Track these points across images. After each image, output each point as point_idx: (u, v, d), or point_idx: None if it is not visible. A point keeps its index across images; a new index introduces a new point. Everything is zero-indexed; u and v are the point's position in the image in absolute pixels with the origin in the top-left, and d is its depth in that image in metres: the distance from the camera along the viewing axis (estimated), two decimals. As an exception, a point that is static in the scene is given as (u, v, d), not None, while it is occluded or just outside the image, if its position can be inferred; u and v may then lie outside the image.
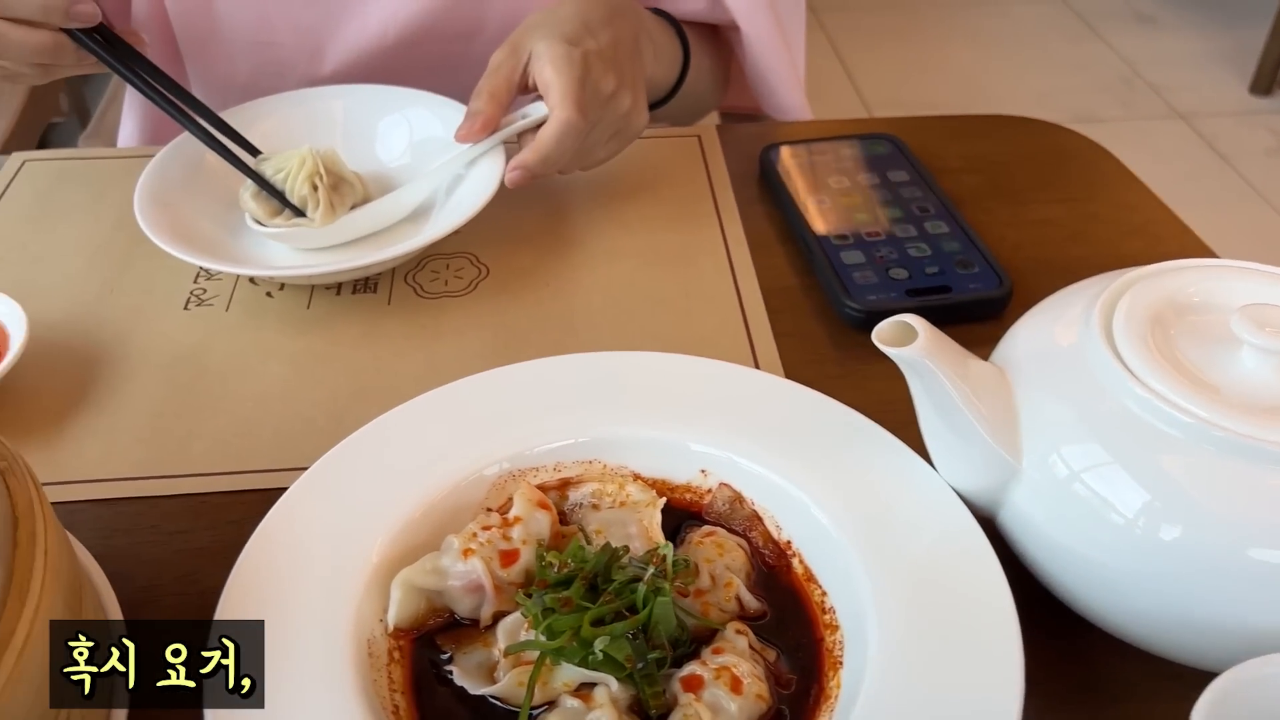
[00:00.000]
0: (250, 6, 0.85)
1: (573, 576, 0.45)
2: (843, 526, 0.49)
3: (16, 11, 0.63)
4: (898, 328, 0.48)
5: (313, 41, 0.87)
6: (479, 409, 0.55)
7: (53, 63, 0.66)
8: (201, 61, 0.89)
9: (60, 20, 0.64)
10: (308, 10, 0.85)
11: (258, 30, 0.86)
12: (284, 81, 0.87)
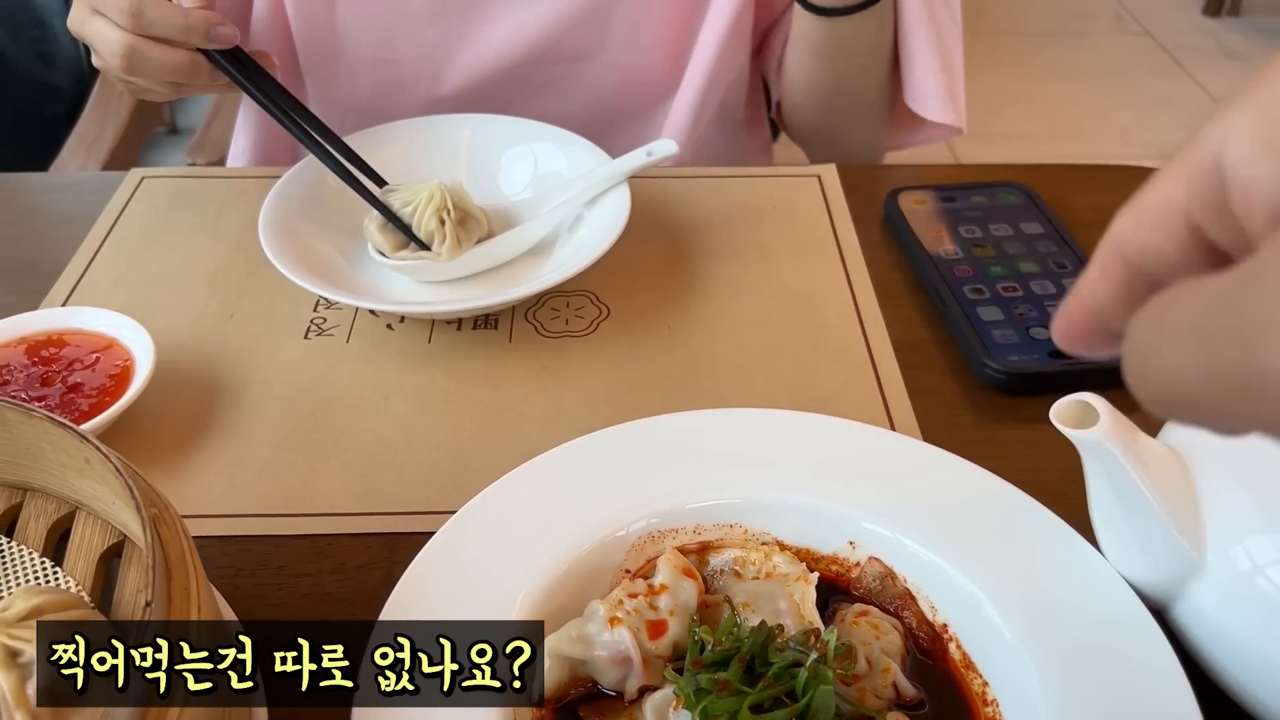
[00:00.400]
0: (373, 24, 0.85)
1: (728, 656, 0.43)
2: (1006, 613, 0.46)
3: (158, 31, 0.63)
4: (1076, 407, 0.46)
5: (435, 60, 0.86)
6: (615, 465, 0.54)
7: (187, 82, 0.66)
8: (322, 79, 0.89)
9: (200, 41, 0.64)
10: (431, 29, 0.84)
11: (380, 48, 0.85)
12: (404, 100, 0.87)
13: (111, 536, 0.46)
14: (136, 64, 0.64)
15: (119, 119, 1.19)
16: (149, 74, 0.65)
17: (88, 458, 0.44)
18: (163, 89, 0.68)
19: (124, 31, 0.63)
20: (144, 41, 0.64)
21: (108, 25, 0.64)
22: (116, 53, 0.64)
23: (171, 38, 0.64)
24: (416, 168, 0.73)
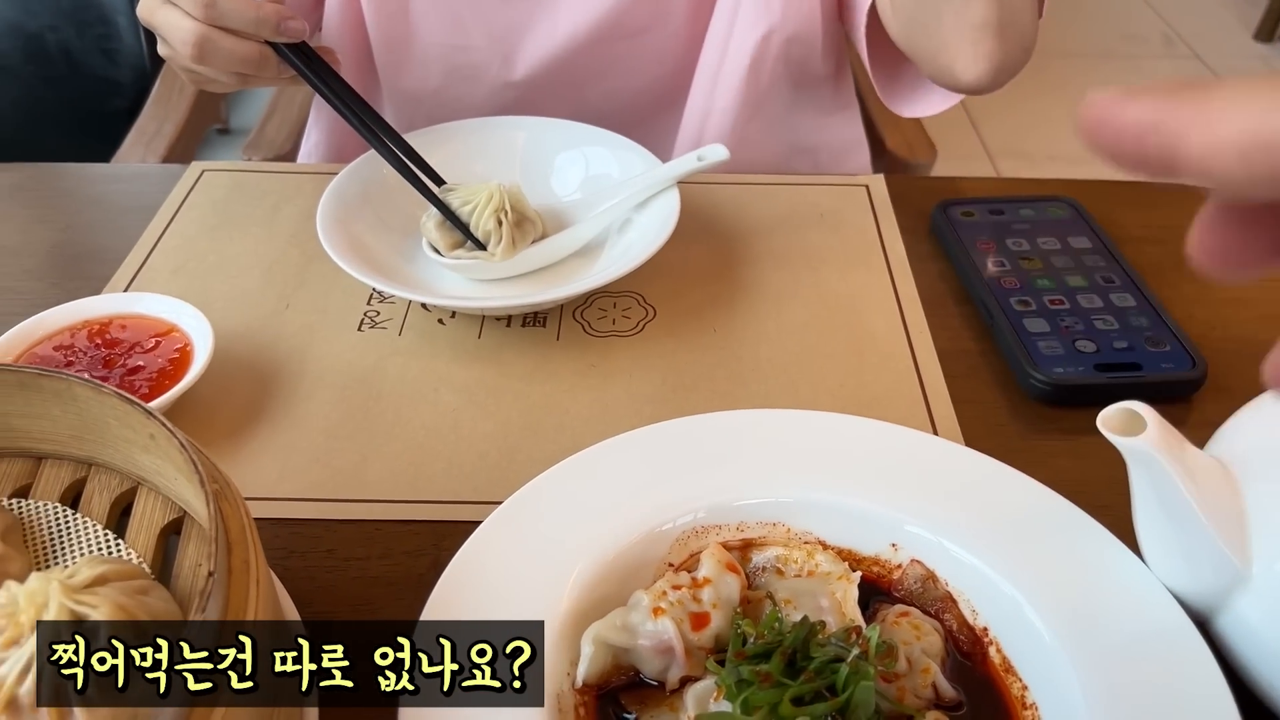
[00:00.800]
0: (445, 11, 0.87)
1: (771, 649, 0.44)
2: (1046, 618, 0.47)
3: (230, 22, 0.64)
4: (1123, 415, 0.46)
5: (505, 45, 0.88)
6: (661, 460, 0.54)
7: (254, 74, 0.68)
8: (396, 68, 0.91)
9: (270, 34, 0.65)
10: (501, 14, 0.86)
11: (451, 34, 0.87)
12: (474, 87, 0.88)
13: (172, 512, 0.48)
14: (207, 53, 0.66)
15: (178, 116, 1.21)
16: (218, 64, 0.67)
17: (153, 434, 0.45)
18: (228, 79, 0.69)
19: (196, 21, 0.65)
20: (215, 31, 0.65)
21: (179, 14, 0.65)
22: (188, 41, 0.65)
23: (242, 29, 0.65)
24: (473, 167, 0.75)
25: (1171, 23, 3.66)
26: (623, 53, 0.88)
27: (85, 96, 1.33)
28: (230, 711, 0.36)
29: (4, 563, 0.44)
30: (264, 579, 0.41)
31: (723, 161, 0.72)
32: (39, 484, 0.49)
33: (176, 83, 1.27)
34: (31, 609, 0.39)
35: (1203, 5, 3.79)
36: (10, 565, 0.44)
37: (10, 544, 0.45)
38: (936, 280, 0.75)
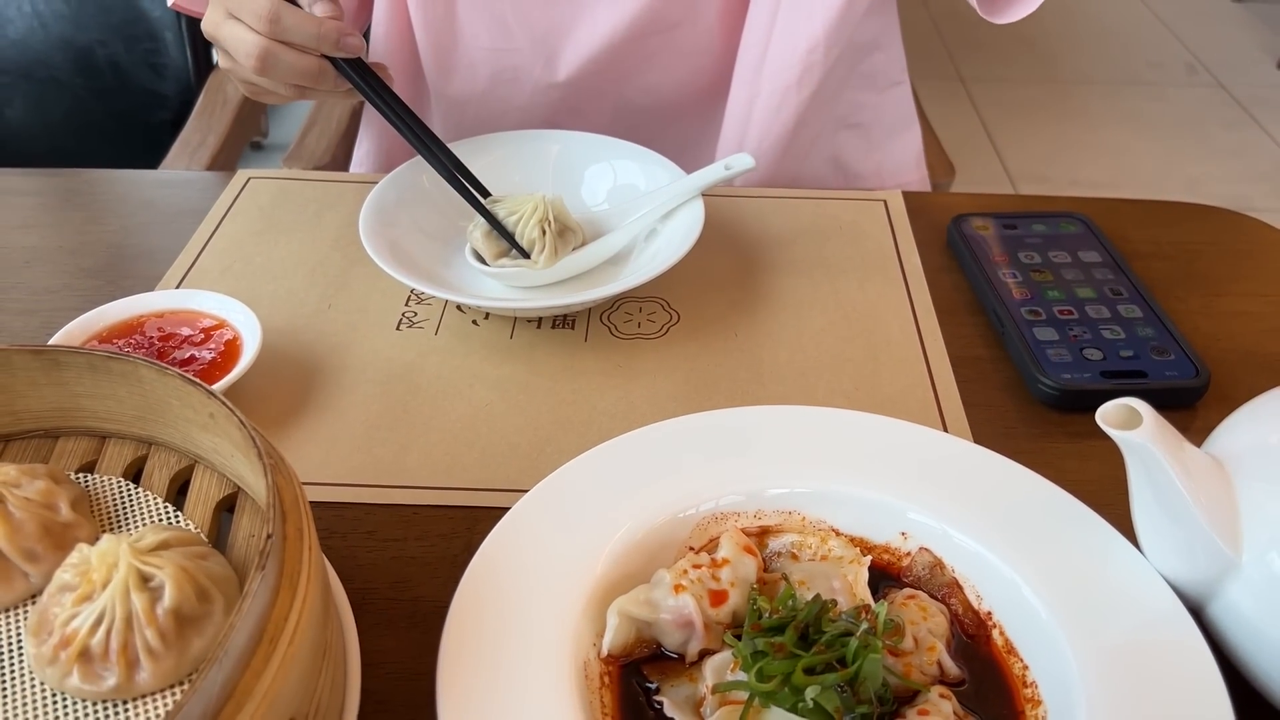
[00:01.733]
0: (489, 16, 0.91)
1: (785, 623, 0.46)
2: (1047, 602, 0.49)
3: (292, 37, 0.68)
4: (1121, 410, 0.49)
5: (547, 46, 0.91)
6: (683, 451, 0.57)
7: (312, 86, 0.71)
8: (444, 72, 0.95)
9: (330, 49, 0.69)
10: (543, 16, 0.90)
11: (496, 38, 0.91)
12: (519, 89, 0.92)
13: (226, 488, 0.51)
14: (269, 66, 0.69)
15: (221, 128, 1.26)
16: (279, 76, 0.70)
17: (213, 413, 0.49)
18: (287, 91, 0.73)
19: (260, 35, 0.68)
20: (278, 46, 0.68)
21: (243, 29, 0.68)
22: (252, 54, 0.68)
23: (303, 44, 0.69)
24: (510, 176, 0.78)
25: (1195, 51, 3.68)
26: (659, 46, 0.90)
27: (132, 108, 1.38)
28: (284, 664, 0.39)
29: (74, 529, 0.48)
30: (314, 546, 0.44)
31: (748, 170, 0.76)
32: (103, 460, 0.53)
33: (220, 96, 1.32)
34: (103, 568, 0.43)
35: (1226, 33, 3.81)
36: (80, 532, 0.48)
37: (79, 513, 0.48)
38: (951, 291, 0.78)
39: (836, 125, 0.99)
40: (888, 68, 1.01)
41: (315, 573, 0.43)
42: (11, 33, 1.35)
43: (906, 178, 1.04)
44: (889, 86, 1.02)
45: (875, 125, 1.02)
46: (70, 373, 0.51)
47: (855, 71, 0.97)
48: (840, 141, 1.01)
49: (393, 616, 0.54)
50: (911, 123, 1.05)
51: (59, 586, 0.43)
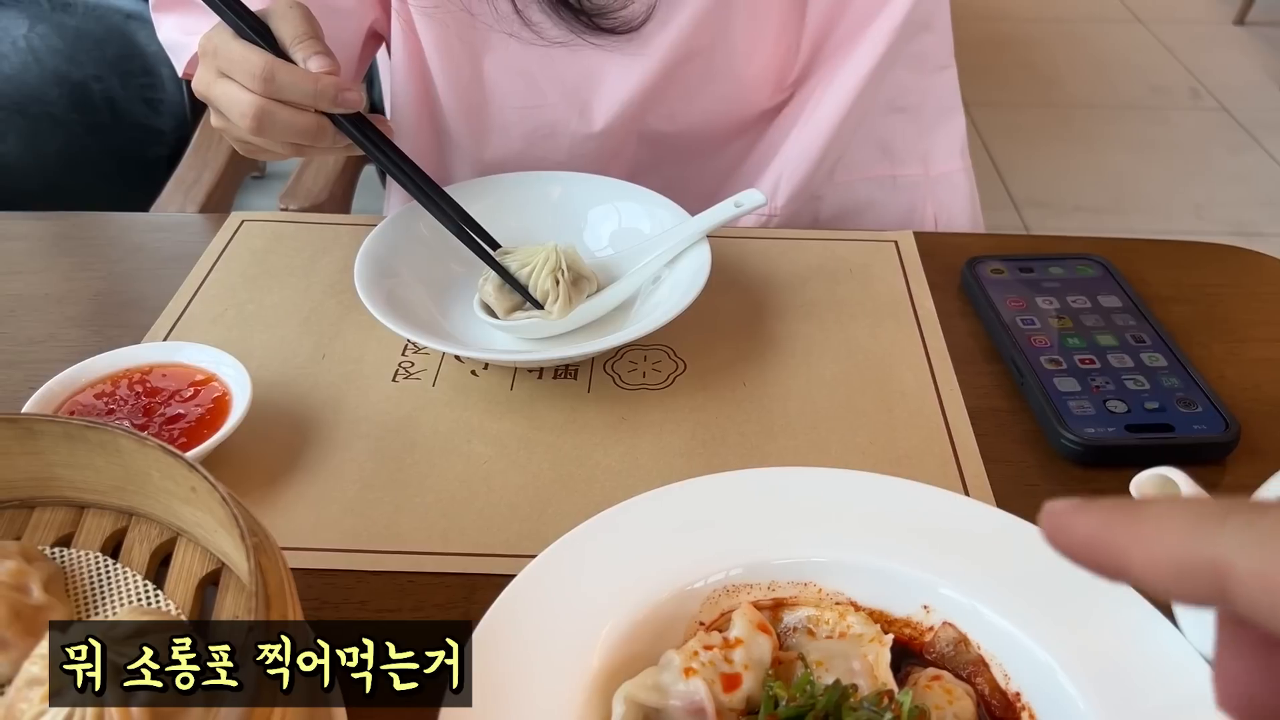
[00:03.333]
0: (516, 73, 0.88)
1: (803, 712, 0.44)
2: (1080, 684, 0.46)
3: (288, 95, 0.65)
4: (1156, 480, 0.46)
5: (580, 98, 0.89)
6: (691, 517, 0.55)
7: (310, 144, 0.68)
8: (477, 136, 0.92)
9: (328, 105, 0.66)
10: (570, 68, 0.87)
11: (526, 96, 0.88)
12: (556, 143, 0.90)
13: (210, 564, 0.49)
14: (265, 125, 0.66)
15: (216, 164, 1.24)
16: (276, 135, 0.67)
17: (194, 486, 0.46)
18: (283, 149, 0.70)
19: (254, 94, 0.65)
20: (274, 104, 0.65)
21: (237, 88, 0.66)
22: (247, 114, 0.65)
23: (301, 101, 0.66)
24: (508, 221, 0.76)
25: (1198, 75, 3.67)
26: (696, 72, 0.88)
27: (127, 144, 1.36)
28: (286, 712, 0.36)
29: (47, 612, 0.45)
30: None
31: (760, 206, 0.73)
32: (81, 533, 0.50)
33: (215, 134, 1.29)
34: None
35: (1229, 58, 3.81)
36: (53, 614, 0.45)
37: (53, 593, 0.46)
38: (966, 337, 0.76)
39: (885, 108, 0.96)
40: (937, 50, 0.98)
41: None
42: (5, 68, 1.34)
43: (950, 166, 1.01)
44: (937, 70, 0.99)
45: (922, 110, 0.99)
46: (45, 441, 0.49)
47: (906, 52, 0.93)
48: (888, 125, 0.98)
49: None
50: (957, 109, 1.02)
51: (26, 680, 0.41)
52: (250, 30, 0.66)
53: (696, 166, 0.96)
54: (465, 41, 0.86)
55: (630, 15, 0.82)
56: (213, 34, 0.68)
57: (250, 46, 0.66)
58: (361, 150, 0.69)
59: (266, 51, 0.65)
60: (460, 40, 0.86)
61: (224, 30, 0.67)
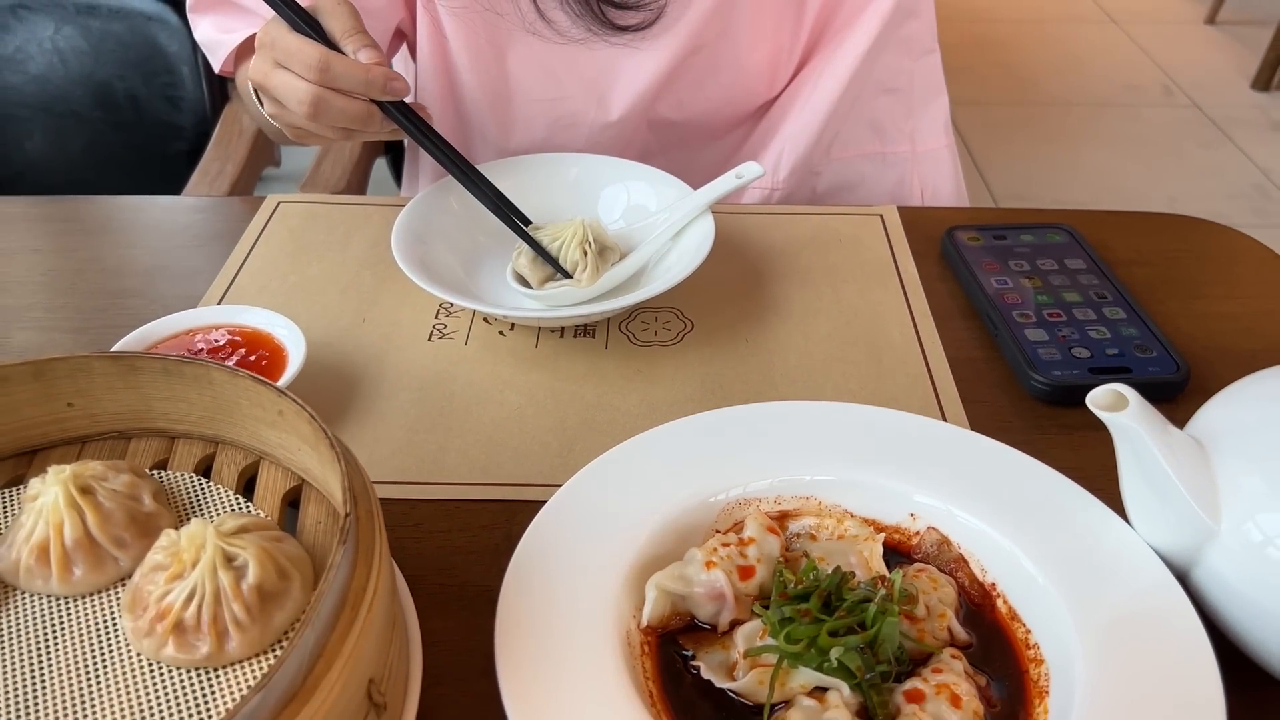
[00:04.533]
0: (538, 68, 0.95)
1: (809, 592, 0.51)
2: (1046, 572, 0.54)
3: (341, 84, 0.72)
4: (1109, 395, 0.53)
5: (599, 88, 0.96)
6: (705, 443, 0.62)
7: (360, 129, 0.75)
8: (503, 127, 0.99)
9: (377, 94, 0.73)
10: (590, 62, 0.94)
11: (548, 88, 0.96)
12: (576, 132, 0.97)
13: (291, 481, 0.56)
14: (321, 112, 0.72)
15: (238, 156, 1.31)
16: (330, 120, 0.73)
17: (281, 410, 0.53)
18: (334, 134, 0.77)
19: (310, 83, 0.71)
20: (328, 92, 0.72)
21: (294, 77, 0.72)
22: (304, 101, 0.72)
23: (353, 90, 0.72)
24: (530, 198, 0.83)
25: (1171, 73, 3.77)
26: (705, 62, 0.95)
27: (149, 140, 1.42)
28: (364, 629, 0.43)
29: (157, 518, 0.52)
30: (382, 528, 0.49)
31: (759, 177, 0.81)
32: (174, 459, 0.57)
33: (236, 127, 1.37)
34: (192, 549, 0.47)
35: (1201, 56, 3.91)
36: (162, 521, 0.52)
37: (160, 503, 0.53)
38: (946, 297, 0.83)
39: (876, 90, 1.04)
40: (922, 35, 1.06)
41: (385, 551, 0.48)
42: (32, 68, 1.40)
43: (936, 143, 1.10)
44: (923, 54, 1.07)
45: (910, 91, 1.07)
46: (145, 376, 0.56)
47: (895, 37, 1.01)
48: (879, 106, 1.05)
49: (442, 600, 0.58)
50: (941, 90, 1.10)
51: (151, 566, 0.48)
52: (304, 24, 0.73)
53: (702, 150, 1.04)
54: (491, 39, 0.94)
55: (644, 17, 0.90)
56: (269, 27, 0.74)
57: (305, 39, 0.72)
58: (406, 134, 0.76)
59: (320, 44, 0.72)
60: (487, 38, 0.94)
61: (279, 24, 0.73)
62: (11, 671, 0.46)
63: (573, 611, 0.52)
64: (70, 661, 0.47)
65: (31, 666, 0.47)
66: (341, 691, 0.42)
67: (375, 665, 0.45)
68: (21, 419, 0.56)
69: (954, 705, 0.48)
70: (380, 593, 0.45)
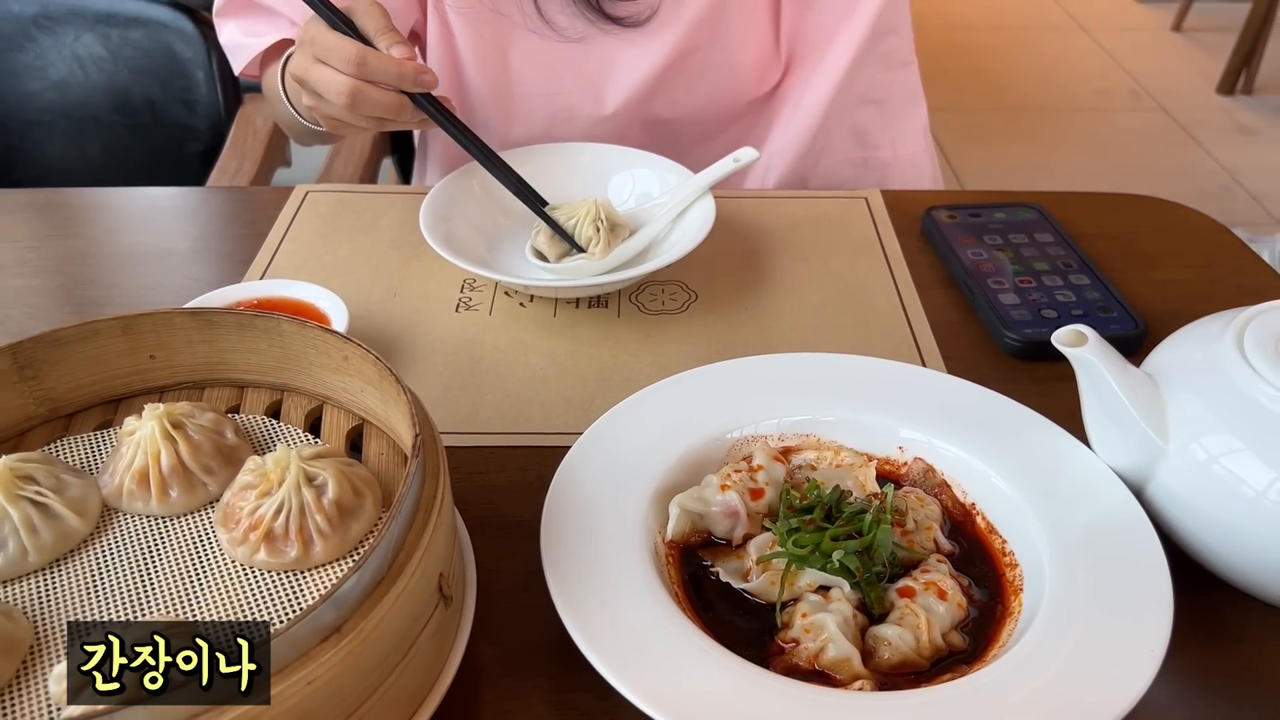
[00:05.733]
0: (538, 64, 1.03)
1: (813, 505, 0.59)
2: (1020, 491, 0.62)
3: (376, 77, 0.78)
4: (1071, 334, 0.61)
5: (595, 85, 1.04)
6: (717, 390, 0.69)
7: (392, 118, 0.82)
8: (505, 120, 1.07)
9: (409, 85, 0.80)
10: (586, 59, 1.02)
11: (547, 83, 1.03)
12: (573, 125, 1.04)
13: (353, 421, 0.63)
14: (358, 102, 0.79)
15: (255, 155, 1.38)
16: (365, 110, 0.80)
17: (347, 355, 0.60)
18: (368, 124, 0.83)
19: (348, 77, 0.78)
20: (365, 85, 0.79)
21: (332, 71, 0.79)
22: (342, 92, 0.78)
23: (387, 82, 0.79)
24: (545, 182, 0.90)
25: (1139, 78, 3.89)
26: (695, 66, 1.03)
27: (165, 142, 1.49)
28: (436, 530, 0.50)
29: (239, 450, 0.59)
30: (443, 449, 0.56)
31: (754, 161, 0.89)
32: (244, 405, 0.64)
33: (250, 128, 1.44)
34: (278, 470, 0.54)
35: (1168, 61, 4.03)
36: (243, 452, 0.59)
37: (240, 438, 0.60)
38: (926, 269, 0.91)
39: (858, 101, 1.12)
40: (900, 49, 1.14)
41: (446, 468, 0.55)
42: (53, 75, 1.47)
43: (916, 148, 1.18)
44: (901, 66, 1.15)
45: (890, 100, 1.15)
46: (220, 330, 0.63)
47: (874, 53, 1.09)
48: (860, 115, 1.13)
49: (485, 529, 0.65)
50: (920, 99, 1.18)
51: (242, 486, 0.55)
52: (341, 23, 0.80)
53: (693, 151, 1.12)
54: (495, 38, 1.01)
55: (637, 9, 0.98)
56: (309, 26, 0.81)
57: (342, 37, 0.79)
58: (435, 123, 0.83)
59: (357, 40, 0.79)
60: (490, 37, 1.01)
61: (319, 23, 0.80)
62: (122, 577, 0.53)
63: (606, 530, 0.59)
64: (173, 568, 0.54)
65: (140, 573, 0.54)
66: (419, 579, 0.49)
67: (444, 562, 0.52)
68: (109, 370, 0.63)
69: (940, 598, 0.56)
70: (445, 501, 0.53)
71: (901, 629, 0.54)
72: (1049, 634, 0.54)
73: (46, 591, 0.53)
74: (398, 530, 0.48)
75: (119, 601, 0.52)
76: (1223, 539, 0.59)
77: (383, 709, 0.47)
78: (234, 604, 0.52)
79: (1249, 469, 0.57)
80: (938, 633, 0.55)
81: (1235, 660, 0.59)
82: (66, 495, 0.55)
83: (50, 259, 0.93)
